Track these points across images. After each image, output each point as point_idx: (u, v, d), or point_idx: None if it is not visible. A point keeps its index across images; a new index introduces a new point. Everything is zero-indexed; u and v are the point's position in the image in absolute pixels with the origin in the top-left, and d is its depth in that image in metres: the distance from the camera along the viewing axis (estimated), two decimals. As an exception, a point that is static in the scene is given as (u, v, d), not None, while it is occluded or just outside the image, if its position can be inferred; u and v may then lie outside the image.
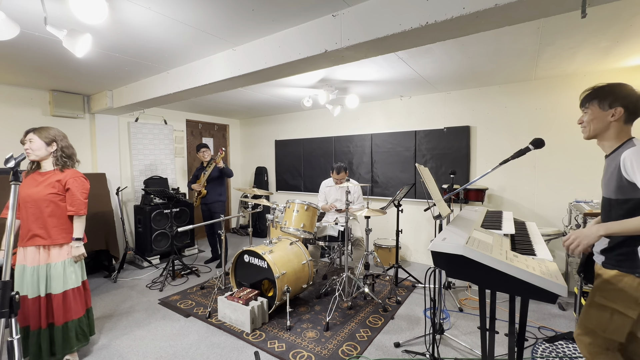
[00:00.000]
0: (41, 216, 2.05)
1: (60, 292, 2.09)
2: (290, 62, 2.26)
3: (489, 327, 1.53)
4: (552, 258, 1.33)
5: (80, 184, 2.17)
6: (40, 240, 2.05)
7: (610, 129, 1.36)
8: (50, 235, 2.07)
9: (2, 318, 1.08)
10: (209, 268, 4.25)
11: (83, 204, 2.15)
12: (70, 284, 2.13)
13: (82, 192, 2.16)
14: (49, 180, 2.09)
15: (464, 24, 1.66)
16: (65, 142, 2.19)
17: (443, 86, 3.86)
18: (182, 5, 1.91)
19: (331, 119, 5.11)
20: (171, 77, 3.15)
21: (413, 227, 4.44)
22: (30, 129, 2.11)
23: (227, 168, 4.20)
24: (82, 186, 2.18)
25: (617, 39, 2.41)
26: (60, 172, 2.14)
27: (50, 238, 2.06)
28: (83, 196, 2.16)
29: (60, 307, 2.09)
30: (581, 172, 3.39)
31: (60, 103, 3.91)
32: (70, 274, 2.14)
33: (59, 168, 2.14)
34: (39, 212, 2.05)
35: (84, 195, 2.18)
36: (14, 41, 2.31)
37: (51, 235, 2.07)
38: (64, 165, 2.16)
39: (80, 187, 2.16)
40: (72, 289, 2.14)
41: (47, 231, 2.06)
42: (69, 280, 2.13)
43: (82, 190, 2.17)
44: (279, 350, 2.37)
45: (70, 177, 2.13)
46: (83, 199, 2.16)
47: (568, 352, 2.31)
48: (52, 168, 2.14)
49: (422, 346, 2.39)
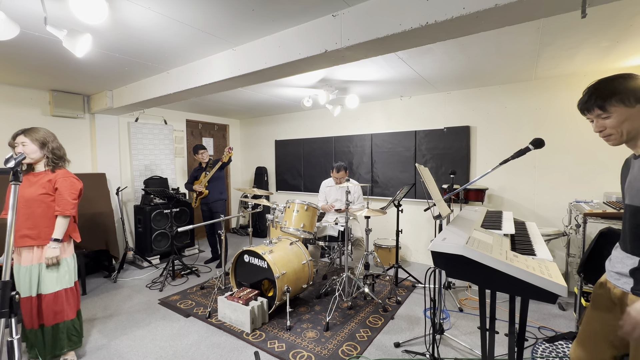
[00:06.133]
0: (32, 216, 2.04)
1: (52, 292, 2.07)
2: (290, 62, 2.26)
3: (489, 327, 1.53)
4: (552, 258, 1.32)
5: (70, 184, 2.13)
6: (29, 241, 2.04)
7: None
8: (41, 236, 2.05)
9: (2, 318, 1.08)
10: (209, 268, 4.25)
11: (70, 204, 2.10)
12: (64, 284, 2.12)
13: (71, 192, 2.12)
14: (41, 181, 2.09)
15: (464, 24, 1.66)
16: (56, 143, 2.17)
17: (443, 86, 3.87)
18: (182, 5, 1.91)
19: (331, 119, 5.11)
20: (171, 77, 3.15)
21: (413, 227, 4.44)
22: (19, 131, 2.07)
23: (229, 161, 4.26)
24: (72, 186, 2.14)
25: (617, 39, 2.41)
26: (52, 172, 2.13)
27: (40, 238, 2.05)
28: (72, 197, 2.12)
29: (51, 307, 2.06)
30: (581, 172, 3.39)
31: (60, 103, 3.91)
32: (64, 274, 2.12)
33: (50, 169, 2.13)
34: (30, 212, 2.04)
35: (73, 195, 2.13)
36: (14, 41, 2.31)
37: (41, 235, 2.05)
38: (55, 166, 2.14)
39: (69, 187, 2.12)
40: (64, 290, 2.12)
41: (38, 231, 2.05)
42: (62, 280, 2.11)
43: (72, 191, 2.13)
44: (279, 350, 2.37)
45: (60, 177, 2.11)
46: (71, 199, 2.11)
47: (568, 352, 2.31)
48: (44, 169, 2.13)
49: (422, 346, 2.39)
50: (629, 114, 1.09)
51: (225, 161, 4.15)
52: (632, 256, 1.11)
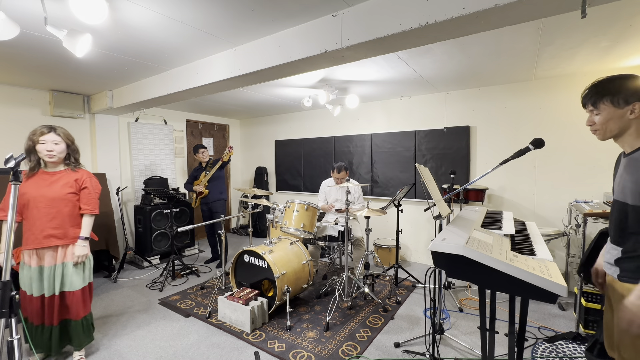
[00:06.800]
0: (58, 216, 2.06)
1: (79, 288, 2.13)
2: (290, 62, 2.26)
3: (489, 327, 1.53)
4: (552, 258, 1.32)
5: (95, 183, 2.23)
6: (55, 241, 2.05)
7: (631, 127, 1.19)
8: (67, 235, 2.09)
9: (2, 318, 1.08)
10: (209, 268, 4.25)
11: (97, 203, 2.20)
12: (86, 280, 2.19)
13: (96, 192, 2.22)
14: (65, 179, 2.10)
15: (464, 24, 1.66)
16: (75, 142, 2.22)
17: (443, 86, 3.86)
18: (182, 5, 1.91)
19: (331, 119, 5.11)
20: (171, 77, 3.15)
21: (413, 227, 4.44)
22: (48, 127, 2.05)
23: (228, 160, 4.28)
24: (97, 186, 2.24)
25: (617, 39, 2.41)
26: (73, 171, 2.15)
27: (66, 238, 2.08)
28: (97, 196, 2.21)
29: (80, 302, 2.14)
30: (581, 172, 3.39)
31: (60, 103, 3.91)
32: (86, 270, 2.19)
33: (70, 168, 2.15)
34: (56, 212, 2.05)
35: (97, 195, 2.23)
36: (14, 41, 2.31)
37: (68, 235, 2.09)
38: (75, 165, 2.17)
39: (96, 186, 2.22)
40: (88, 285, 2.21)
41: (65, 231, 2.08)
42: (86, 277, 2.19)
43: (96, 190, 2.23)
44: (279, 350, 2.37)
45: (86, 176, 2.18)
46: (97, 198, 2.20)
47: (568, 352, 2.31)
48: (62, 168, 2.14)
49: (422, 346, 2.39)
50: (616, 114, 1.19)
51: (225, 160, 4.15)
52: (617, 247, 1.23)
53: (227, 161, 4.20)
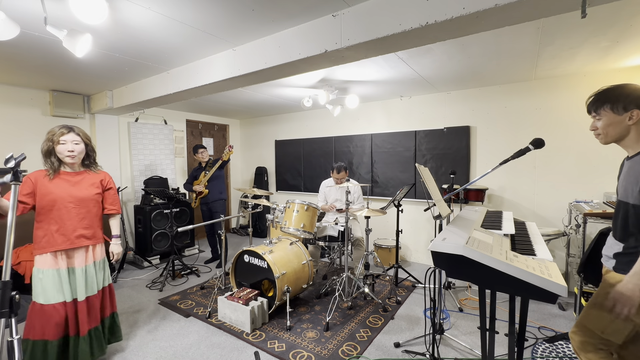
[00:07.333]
0: (88, 216, 2.08)
1: (107, 285, 2.21)
2: (290, 62, 2.26)
3: (489, 327, 1.53)
4: (552, 258, 1.33)
5: (115, 185, 2.31)
6: (85, 241, 2.06)
7: (631, 133, 1.29)
8: (95, 235, 2.13)
9: (2, 318, 1.08)
10: (209, 268, 4.25)
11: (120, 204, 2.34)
12: (108, 279, 2.24)
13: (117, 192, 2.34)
14: (90, 180, 2.11)
15: (464, 24, 1.66)
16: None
17: (443, 86, 3.86)
18: (182, 5, 1.91)
19: (331, 119, 5.11)
20: (171, 77, 3.15)
21: (413, 227, 4.43)
22: (67, 127, 2.03)
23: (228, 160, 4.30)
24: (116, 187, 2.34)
25: (617, 39, 2.41)
26: (94, 172, 2.16)
27: (94, 237, 2.12)
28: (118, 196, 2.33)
29: (108, 298, 2.21)
30: (581, 172, 3.39)
31: (60, 103, 3.91)
32: (107, 268, 2.25)
33: (92, 169, 2.16)
34: (86, 212, 2.07)
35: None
36: (14, 41, 2.31)
37: (96, 234, 2.14)
38: (93, 165, 2.18)
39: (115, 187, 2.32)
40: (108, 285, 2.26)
41: (94, 231, 2.12)
42: (109, 274, 2.25)
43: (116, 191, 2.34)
44: (279, 351, 2.37)
45: (109, 177, 2.25)
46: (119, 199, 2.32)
47: (568, 352, 2.31)
48: (82, 168, 2.13)
49: (422, 346, 2.39)
50: (615, 120, 1.30)
51: (225, 159, 4.16)
52: (619, 242, 1.33)
53: (227, 160, 4.21)
